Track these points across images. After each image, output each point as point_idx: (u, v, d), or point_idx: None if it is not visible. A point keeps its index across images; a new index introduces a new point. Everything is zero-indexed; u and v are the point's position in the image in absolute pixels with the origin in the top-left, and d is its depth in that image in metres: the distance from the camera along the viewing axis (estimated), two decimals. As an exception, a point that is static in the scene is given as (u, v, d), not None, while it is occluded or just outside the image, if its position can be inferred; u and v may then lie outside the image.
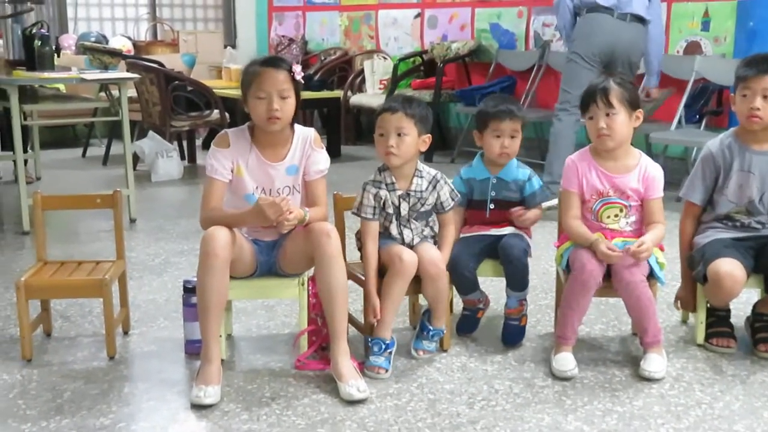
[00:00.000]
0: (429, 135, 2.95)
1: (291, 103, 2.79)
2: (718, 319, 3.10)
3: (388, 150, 2.88)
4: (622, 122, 2.89)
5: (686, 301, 3.17)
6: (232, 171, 2.83)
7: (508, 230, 3.11)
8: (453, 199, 3.03)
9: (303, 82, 2.86)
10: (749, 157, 3.03)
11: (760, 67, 2.96)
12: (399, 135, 2.88)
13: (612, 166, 2.96)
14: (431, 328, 3.00)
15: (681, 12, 6.11)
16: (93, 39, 8.38)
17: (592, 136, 2.95)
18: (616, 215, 2.96)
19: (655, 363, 2.85)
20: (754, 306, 3.13)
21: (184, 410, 2.60)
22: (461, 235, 3.15)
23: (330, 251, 2.72)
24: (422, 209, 2.98)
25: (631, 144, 3.02)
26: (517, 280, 3.04)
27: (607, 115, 2.88)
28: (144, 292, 3.72)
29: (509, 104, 3.14)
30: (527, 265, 3.04)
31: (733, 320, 3.14)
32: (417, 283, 2.94)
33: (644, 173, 2.95)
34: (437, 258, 2.92)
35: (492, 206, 3.14)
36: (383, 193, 2.94)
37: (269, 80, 2.76)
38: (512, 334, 3.10)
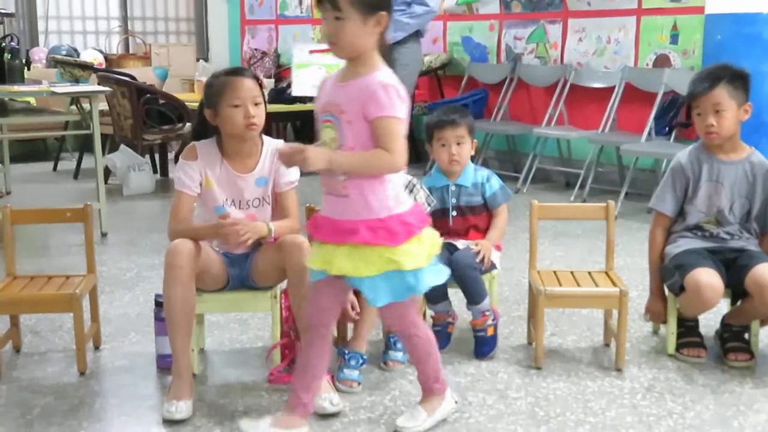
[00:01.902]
0: None
1: (263, 110, 2.80)
2: (688, 329, 3.12)
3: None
4: (352, 29, 2.25)
5: (657, 313, 3.19)
6: (200, 183, 2.82)
7: (468, 243, 3.12)
8: (429, 204, 3.05)
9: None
10: (717, 167, 3.07)
11: (704, 84, 3.00)
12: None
13: (344, 75, 2.37)
14: (392, 335, 3.01)
15: (650, 25, 6.18)
16: (64, 52, 8.33)
17: None
18: (331, 141, 2.35)
19: (412, 417, 2.53)
20: (723, 318, 3.16)
21: (155, 425, 2.58)
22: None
23: (302, 263, 2.71)
24: None
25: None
26: (470, 294, 3.05)
27: (336, 18, 2.25)
28: (115, 307, 3.69)
29: (451, 113, 3.22)
30: (476, 278, 3.04)
31: (702, 330, 3.16)
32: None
33: (369, 83, 2.27)
34: None
35: (454, 213, 3.16)
36: None
37: (242, 88, 2.77)
38: (481, 345, 3.10)
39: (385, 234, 2.29)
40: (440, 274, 2.43)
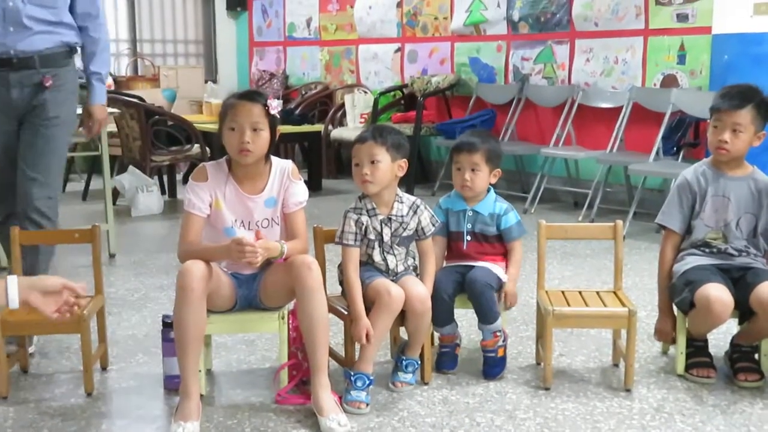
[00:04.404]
0: (405, 160, 2.97)
1: (264, 137, 2.79)
2: (697, 350, 3.11)
3: (364, 178, 2.91)
4: None
5: (665, 333, 3.18)
6: (210, 205, 2.82)
7: (486, 264, 3.12)
8: (433, 225, 3.05)
9: (279, 116, 2.86)
10: (724, 183, 3.08)
11: (733, 101, 3.01)
12: (372, 162, 2.90)
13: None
14: (404, 357, 3.00)
15: (657, 46, 6.19)
16: (73, 74, 8.37)
17: None
18: None
19: None
20: (732, 339, 3.14)
21: (162, 447, 2.57)
22: (443, 264, 3.17)
23: (311, 283, 2.71)
24: (404, 234, 2.99)
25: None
26: (484, 314, 3.04)
27: None
28: (123, 328, 3.69)
29: (474, 137, 3.18)
30: (492, 298, 3.03)
31: (711, 350, 3.15)
32: (399, 317, 2.93)
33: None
34: (424, 295, 2.92)
35: (469, 238, 3.15)
36: (364, 219, 2.95)
37: (243, 112, 2.77)
38: (491, 366, 3.09)
39: None
40: None
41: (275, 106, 2.84)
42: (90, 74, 3.60)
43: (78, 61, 3.68)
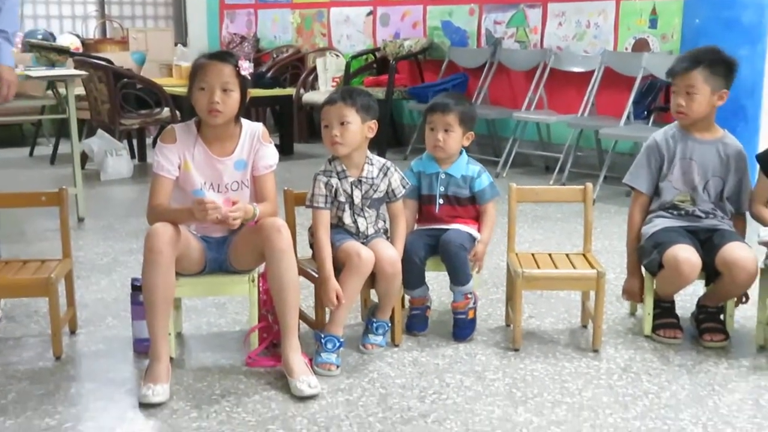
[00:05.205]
0: (374, 121, 2.97)
1: (234, 98, 2.76)
2: (664, 311, 3.14)
3: (333, 140, 2.90)
4: None
5: (633, 293, 3.22)
6: (179, 167, 2.80)
7: (459, 227, 3.12)
8: (404, 187, 3.04)
9: (249, 78, 2.83)
10: (692, 146, 3.11)
11: (682, 64, 3.04)
12: (342, 124, 2.90)
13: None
14: (374, 320, 3.01)
15: (629, 10, 6.19)
16: (40, 36, 8.22)
17: None
18: None
19: None
20: (698, 300, 3.18)
21: (132, 409, 2.57)
22: (415, 227, 3.18)
23: (280, 246, 2.70)
24: (375, 196, 2.99)
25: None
26: (457, 275, 3.05)
27: None
28: (92, 291, 3.67)
29: (448, 98, 3.18)
30: (465, 260, 3.05)
31: (678, 312, 3.18)
32: (370, 279, 2.94)
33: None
34: (394, 258, 2.93)
35: (441, 201, 3.15)
36: (334, 181, 2.94)
37: (213, 72, 2.74)
38: (461, 328, 3.11)
39: None
40: None
41: (246, 67, 2.81)
42: None
43: None
